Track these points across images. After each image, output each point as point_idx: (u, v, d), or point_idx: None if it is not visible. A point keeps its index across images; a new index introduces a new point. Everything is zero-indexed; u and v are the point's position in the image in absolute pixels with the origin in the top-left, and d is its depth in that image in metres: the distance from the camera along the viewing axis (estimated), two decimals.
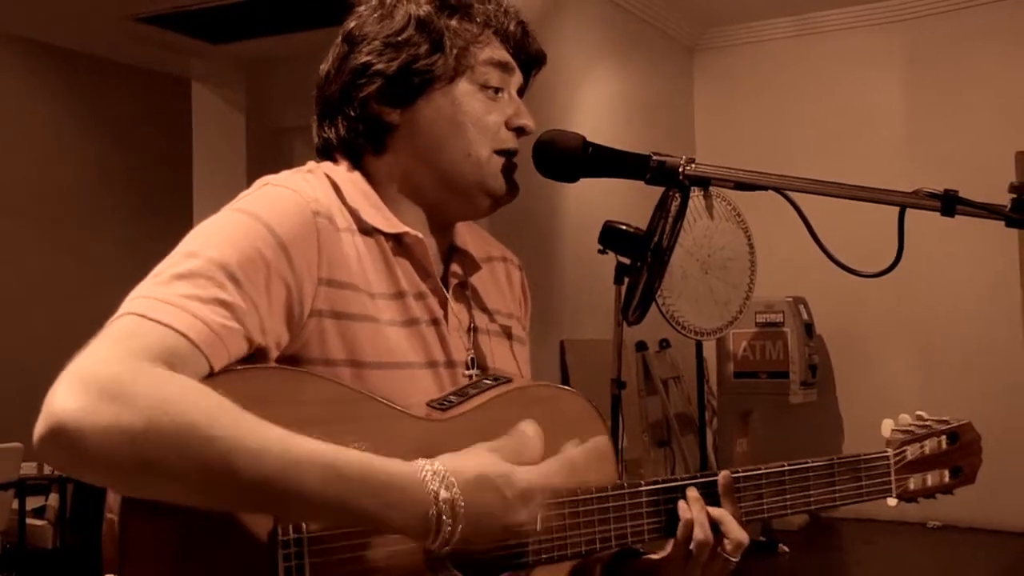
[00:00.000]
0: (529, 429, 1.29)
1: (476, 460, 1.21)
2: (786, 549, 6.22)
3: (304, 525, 1.19)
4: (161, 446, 1.05)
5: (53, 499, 6.12)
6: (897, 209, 1.39)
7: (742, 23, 7.78)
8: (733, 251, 6.18)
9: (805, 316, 7.00)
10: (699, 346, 6.43)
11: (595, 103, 6.80)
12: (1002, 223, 1.32)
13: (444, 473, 1.17)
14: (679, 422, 7.00)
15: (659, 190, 2.18)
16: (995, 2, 6.88)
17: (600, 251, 1.73)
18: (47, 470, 5.68)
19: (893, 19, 7.28)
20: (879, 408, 6.41)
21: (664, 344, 7.04)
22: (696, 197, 5.93)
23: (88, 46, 6.04)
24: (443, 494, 1.15)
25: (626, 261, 1.58)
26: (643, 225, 1.52)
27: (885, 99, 7.31)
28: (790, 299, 6.93)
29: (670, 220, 1.47)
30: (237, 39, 5.95)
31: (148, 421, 1.05)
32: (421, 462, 1.18)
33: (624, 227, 1.61)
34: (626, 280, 1.58)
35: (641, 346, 6.86)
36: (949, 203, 1.29)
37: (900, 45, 7.24)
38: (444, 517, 1.15)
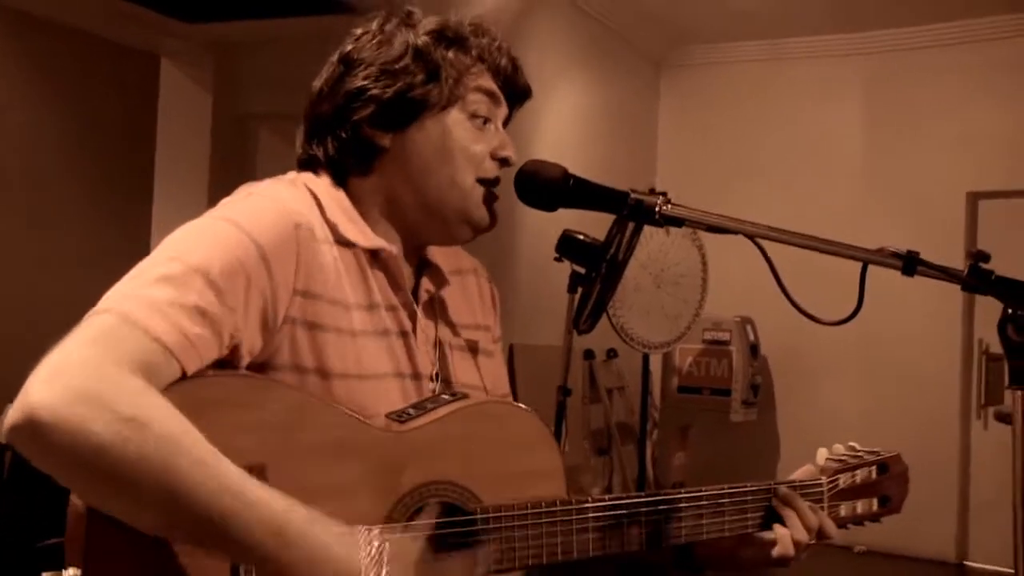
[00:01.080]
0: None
1: (412, 559, 1.27)
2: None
3: None
4: (120, 461, 1.09)
5: None
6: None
7: (710, 43, 7.88)
8: (686, 267, 6.27)
9: (751, 336, 7.11)
10: (646, 359, 6.51)
11: (561, 111, 6.85)
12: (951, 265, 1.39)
13: (380, 552, 1.22)
14: (620, 431, 7.07)
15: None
16: (953, 45, 7.03)
17: (556, 259, 1.78)
18: None
19: (856, 51, 7.42)
20: (818, 431, 6.59)
21: (611, 354, 7.11)
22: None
23: (58, 15, 6.00)
24: (372, 564, 1.20)
25: (581, 271, 1.64)
26: (600, 235, 1.59)
27: (844, 128, 7.44)
28: (738, 319, 7.04)
29: (627, 235, 1.53)
30: (210, 19, 5.94)
31: (116, 434, 1.09)
32: (362, 534, 1.23)
33: (581, 237, 1.66)
34: (580, 289, 1.64)
35: (589, 354, 6.93)
36: (910, 263, 1.37)
37: (861, 77, 7.38)
38: None
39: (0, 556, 4.55)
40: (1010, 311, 1.27)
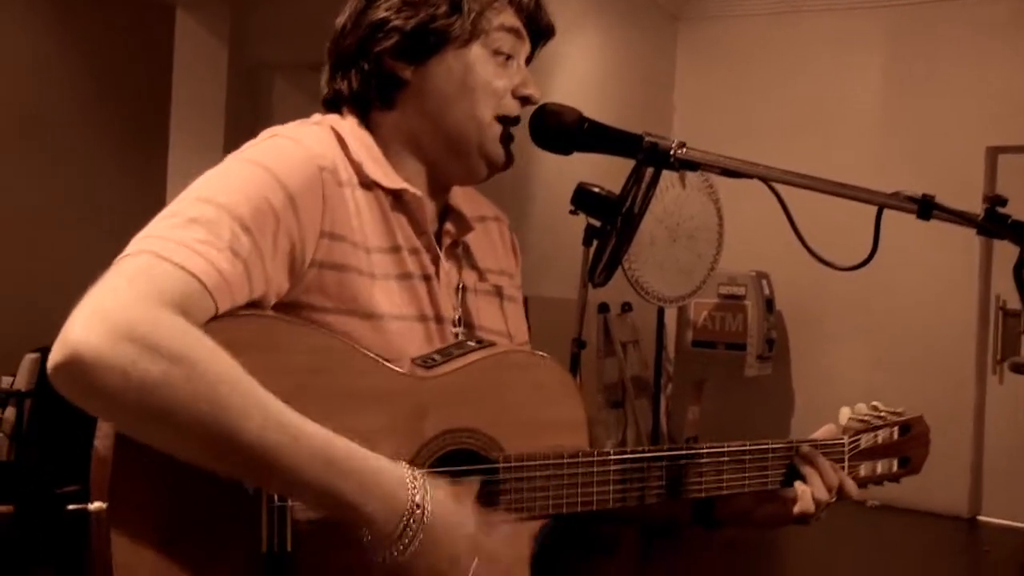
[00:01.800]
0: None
1: (447, 487, 1.28)
2: None
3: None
4: (171, 399, 1.11)
5: (10, 413, 6.14)
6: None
7: None
8: (702, 221, 6.26)
9: (767, 291, 7.10)
10: (660, 312, 6.52)
11: (577, 64, 6.81)
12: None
13: (426, 491, 1.24)
14: (634, 385, 7.10)
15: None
16: None
17: (571, 212, 1.77)
18: (3, 383, 5.68)
19: (874, 5, 7.34)
20: (831, 387, 6.60)
21: (626, 308, 7.12)
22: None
23: None
24: (419, 505, 1.22)
25: (596, 224, 1.63)
26: (616, 189, 1.58)
27: (862, 82, 7.38)
28: (753, 273, 7.03)
29: (643, 187, 1.53)
30: None
31: (164, 373, 1.10)
32: (407, 471, 1.24)
33: (597, 190, 1.65)
34: (595, 242, 1.64)
35: (603, 308, 6.94)
36: (926, 207, 1.36)
37: (880, 31, 7.31)
38: (411, 527, 1.22)
39: (21, 502, 4.62)
40: None
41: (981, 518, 6.96)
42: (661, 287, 6.18)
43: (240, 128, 6.26)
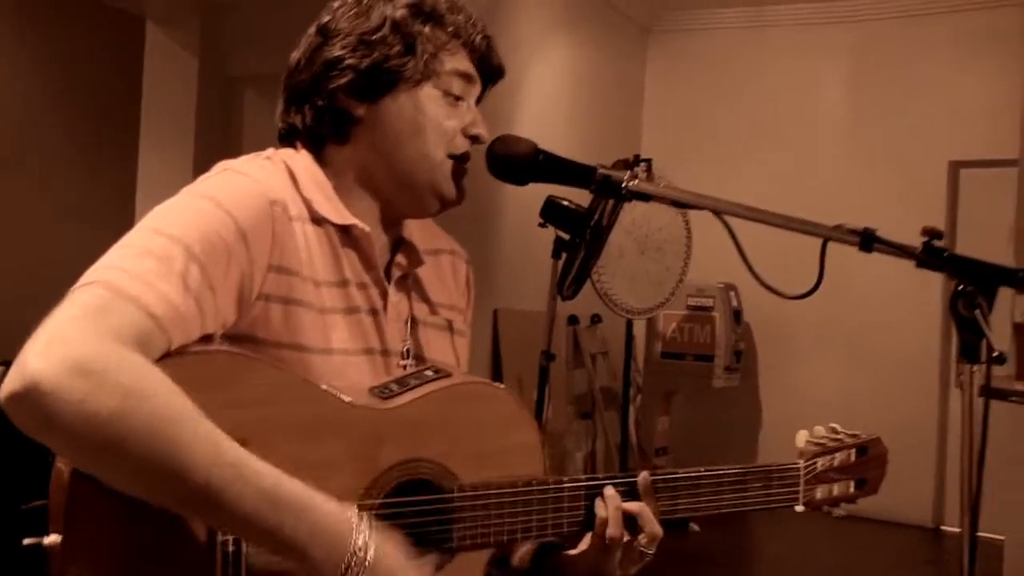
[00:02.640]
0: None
1: (397, 540, 1.29)
2: (697, 528, 6.40)
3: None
4: (124, 435, 1.12)
5: None
6: None
7: (697, 9, 7.88)
8: (670, 234, 6.30)
9: (735, 303, 7.16)
10: (629, 324, 6.56)
11: (548, 76, 6.85)
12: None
13: (370, 537, 1.25)
14: (604, 396, 7.13)
15: (606, 161, 2.23)
16: (938, 14, 7.05)
17: (540, 224, 1.80)
18: None
19: (841, 19, 7.43)
20: (799, 397, 6.66)
21: (595, 319, 7.16)
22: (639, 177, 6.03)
23: None
24: (361, 554, 1.23)
25: (565, 236, 1.66)
26: (585, 201, 1.61)
27: (828, 96, 7.46)
28: (721, 285, 7.08)
29: (611, 201, 1.56)
30: None
31: (119, 408, 1.12)
32: (353, 516, 1.25)
33: (566, 203, 1.67)
34: (564, 255, 1.67)
35: (573, 320, 6.97)
36: (867, 240, 1.40)
37: (845, 45, 7.40)
38: (355, 566, 1.23)
39: None
40: (960, 287, 1.30)
41: (945, 528, 7.04)
42: (630, 299, 6.22)
43: (211, 140, 6.26)
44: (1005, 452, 4.65)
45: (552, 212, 1.70)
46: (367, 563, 1.24)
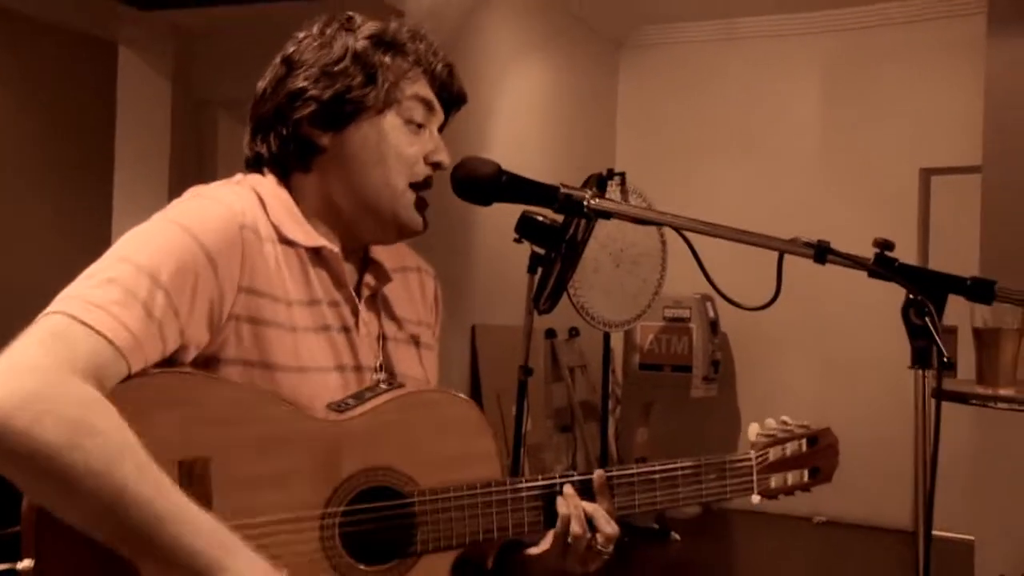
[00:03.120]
0: None
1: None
2: (678, 537, 6.44)
3: None
4: (67, 466, 1.16)
5: None
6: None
7: (668, 23, 7.95)
8: (645, 247, 6.36)
9: (711, 314, 7.21)
10: (607, 337, 6.60)
11: (520, 92, 6.90)
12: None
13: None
14: (583, 409, 7.17)
15: (580, 175, 2.26)
16: (908, 23, 7.14)
17: (516, 240, 1.83)
18: None
19: (810, 31, 7.51)
20: (776, 406, 6.61)
21: (573, 333, 7.20)
22: (613, 190, 6.09)
23: (13, 3, 5.98)
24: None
25: (541, 251, 1.69)
26: (559, 217, 1.64)
27: (801, 107, 7.53)
28: (698, 296, 7.13)
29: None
30: (167, 6, 5.93)
31: (63, 439, 1.16)
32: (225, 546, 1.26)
33: (540, 218, 1.71)
34: (540, 270, 1.70)
35: (550, 333, 7.01)
36: (821, 252, 1.44)
37: (816, 56, 7.47)
38: None
39: None
40: (911, 296, 1.35)
41: None
42: (607, 312, 6.27)
43: (185, 163, 6.27)
44: (974, 455, 4.71)
45: (527, 227, 1.73)
46: None
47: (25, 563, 1.21)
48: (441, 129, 1.65)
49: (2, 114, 6.72)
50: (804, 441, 1.86)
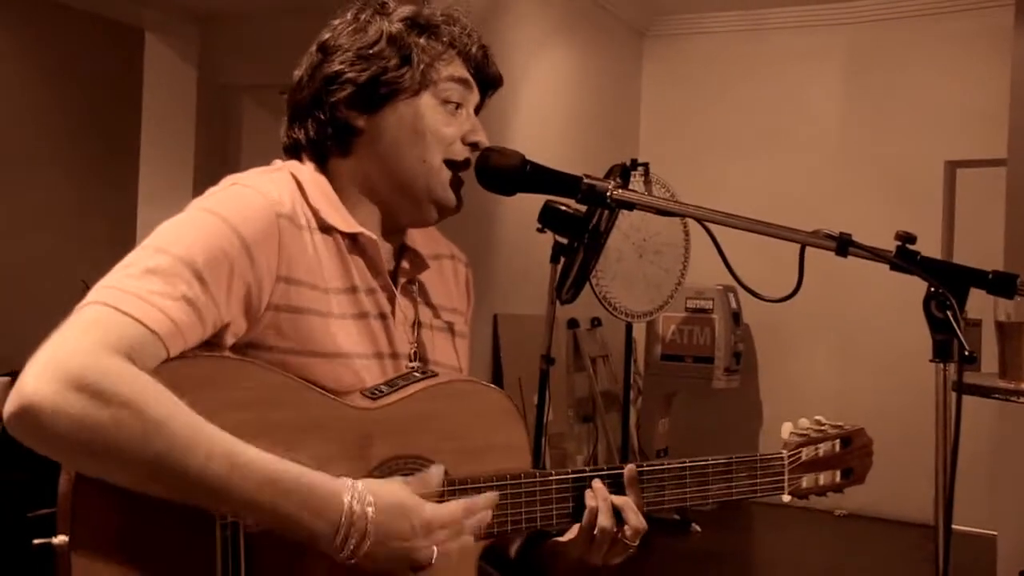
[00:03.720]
0: (435, 472, 1.43)
1: (393, 489, 1.34)
2: (698, 529, 6.44)
3: None
4: (122, 441, 1.18)
5: None
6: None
7: (692, 13, 7.92)
8: (668, 237, 6.34)
9: (734, 305, 7.19)
10: (629, 327, 6.60)
11: (544, 82, 6.89)
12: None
13: (364, 495, 1.30)
14: (604, 399, 7.17)
15: (603, 165, 2.26)
16: (933, 15, 7.08)
17: (539, 230, 1.83)
18: None
19: (835, 22, 7.46)
20: (798, 398, 6.68)
21: (595, 323, 7.19)
22: (636, 180, 6.08)
23: None
24: (357, 510, 1.29)
25: (564, 241, 1.70)
26: (582, 207, 1.64)
27: (825, 98, 7.49)
28: (720, 287, 7.11)
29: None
30: None
31: (113, 417, 1.18)
32: (347, 481, 1.31)
33: (563, 208, 1.71)
34: (562, 260, 1.71)
35: (573, 323, 7.01)
36: (843, 245, 1.44)
37: (841, 46, 7.43)
38: (353, 532, 1.28)
39: None
40: (932, 289, 1.34)
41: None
42: (629, 302, 6.26)
43: (211, 148, 6.31)
44: (996, 450, 4.69)
45: (550, 217, 1.74)
46: (368, 527, 1.29)
47: (60, 538, 1.24)
48: (477, 111, 1.65)
49: (30, 100, 6.77)
50: (838, 442, 1.85)
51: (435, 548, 1.37)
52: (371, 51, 1.55)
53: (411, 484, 1.39)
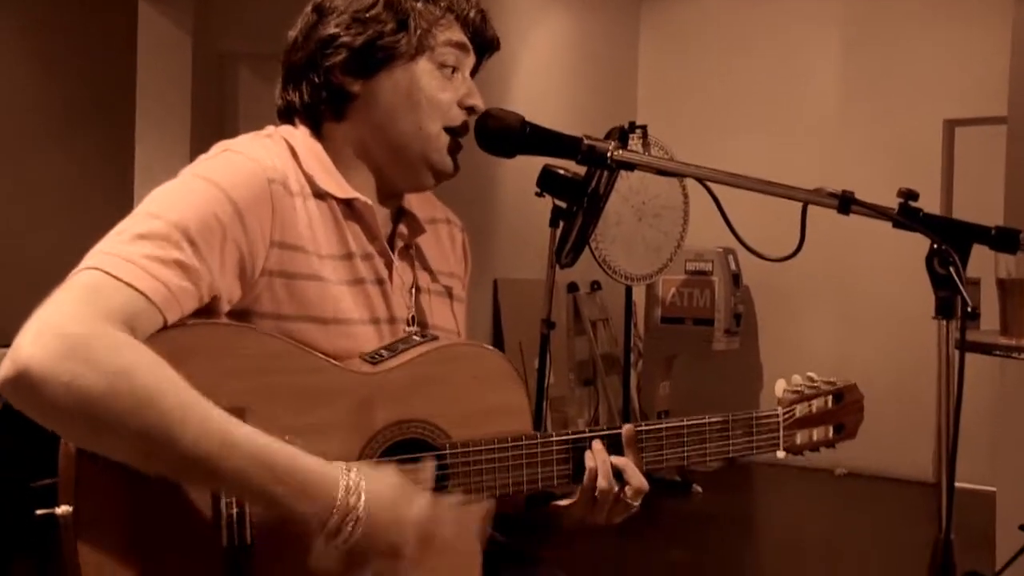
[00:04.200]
0: (428, 467, 1.42)
1: (388, 478, 1.33)
2: (700, 490, 6.47)
3: None
4: (115, 411, 1.17)
5: None
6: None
7: None
8: (667, 200, 6.33)
9: (733, 267, 7.19)
10: (629, 290, 6.60)
11: (542, 45, 6.87)
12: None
13: (358, 483, 1.28)
14: (605, 363, 7.19)
15: (601, 129, 2.25)
16: None
17: (537, 194, 1.82)
18: None
19: None
20: (798, 359, 6.68)
21: (595, 286, 7.20)
22: (635, 143, 6.06)
23: None
24: (352, 499, 1.27)
25: (562, 205, 1.69)
26: (581, 170, 1.63)
27: (822, 58, 7.45)
28: (720, 249, 7.11)
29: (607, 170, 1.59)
30: None
31: (107, 386, 1.17)
32: (341, 467, 1.29)
33: (562, 172, 1.70)
34: (561, 223, 1.70)
35: (572, 287, 7.02)
36: (845, 203, 1.44)
37: (839, 7, 7.38)
38: (347, 520, 1.27)
39: None
40: (935, 246, 1.34)
41: None
42: (628, 265, 6.26)
43: (207, 117, 6.27)
44: (997, 407, 4.70)
45: (548, 181, 1.73)
46: (360, 513, 1.28)
47: (64, 508, 1.24)
48: (473, 74, 1.64)
49: (24, 69, 6.72)
50: (830, 397, 1.87)
51: (427, 534, 1.35)
52: (367, 14, 1.53)
53: (406, 474, 1.38)
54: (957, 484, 1.38)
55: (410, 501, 1.33)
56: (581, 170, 1.65)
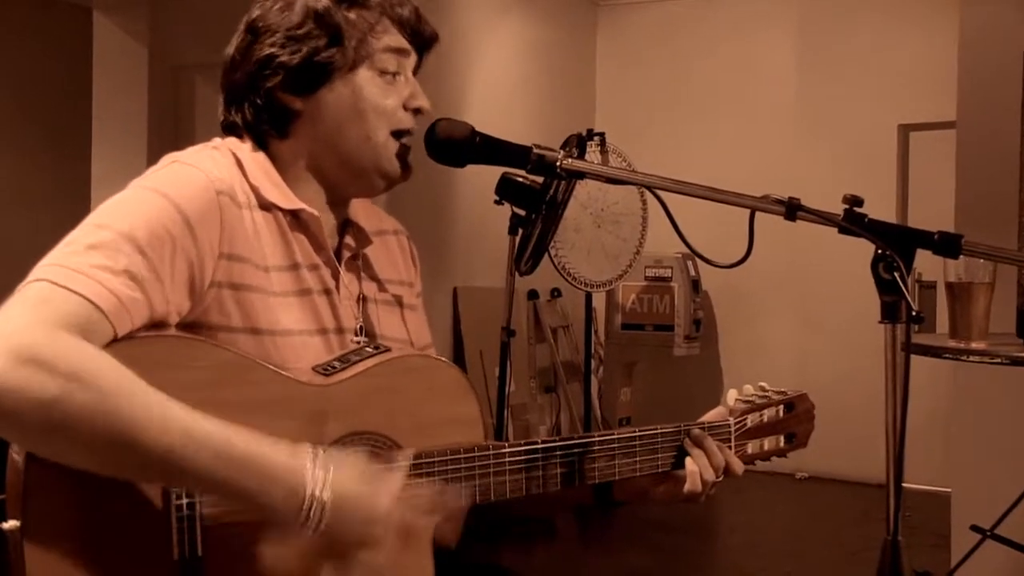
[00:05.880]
0: (403, 461, 1.42)
1: (355, 466, 1.33)
2: None
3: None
4: (71, 415, 1.16)
5: None
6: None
7: None
8: (626, 206, 6.36)
9: (693, 273, 7.23)
10: (589, 297, 6.62)
11: (499, 50, 6.88)
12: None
13: (324, 475, 1.28)
14: (566, 370, 7.20)
15: (560, 136, 2.25)
16: None
17: (496, 202, 1.81)
18: None
19: None
20: (758, 364, 6.73)
21: (555, 293, 7.21)
22: (593, 150, 6.08)
23: None
24: (318, 492, 1.27)
25: (521, 212, 1.69)
26: (540, 179, 1.64)
27: (779, 63, 7.52)
28: (679, 255, 7.16)
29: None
30: None
31: (61, 390, 1.15)
32: (308, 450, 1.29)
33: (520, 179, 1.70)
34: (520, 231, 1.70)
35: (532, 295, 7.03)
36: (791, 209, 1.46)
37: (793, 12, 7.46)
38: (314, 509, 1.27)
39: None
40: (879, 251, 1.36)
41: (905, 485, 7.14)
42: (588, 272, 6.28)
43: (163, 127, 6.24)
44: (950, 409, 4.76)
45: (507, 189, 1.73)
46: (326, 498, 1.28)
47: (11, 523, 1.22)
48: (416, 72, 1.64)
49: None
50: (781, 407, 1.89)
51: (395, 521, 1.36)
52: (300, 32, 1.52)
53: (377, 459, 1.38)
54: (914, 486, 1.40)
55: (380, 485, 1.33)
56: (541, 178, 1.66)
